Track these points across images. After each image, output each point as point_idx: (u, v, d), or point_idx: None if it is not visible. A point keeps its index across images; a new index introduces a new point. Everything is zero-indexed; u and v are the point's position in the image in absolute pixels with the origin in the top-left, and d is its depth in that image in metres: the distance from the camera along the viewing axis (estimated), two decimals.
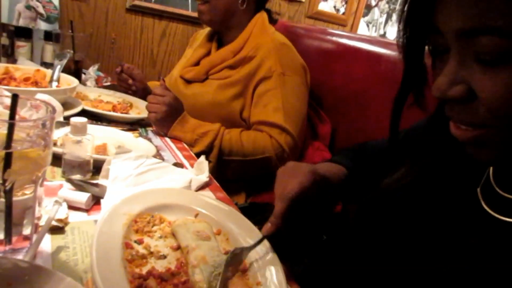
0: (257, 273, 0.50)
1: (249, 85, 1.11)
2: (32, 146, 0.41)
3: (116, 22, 1.93)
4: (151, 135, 1.02)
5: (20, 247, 0.46)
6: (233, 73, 1.13)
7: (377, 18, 2.91)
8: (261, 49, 1.11)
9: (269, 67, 1.08)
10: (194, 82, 1.20)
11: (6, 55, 1.34)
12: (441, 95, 0.38)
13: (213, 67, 1.16)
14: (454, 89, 0.37)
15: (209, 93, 1.13)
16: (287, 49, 1.14)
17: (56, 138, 0.75)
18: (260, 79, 1.09)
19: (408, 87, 0.47)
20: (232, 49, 1.15)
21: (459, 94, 0.37)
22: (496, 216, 0.42)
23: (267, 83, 1.09)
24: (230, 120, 1.12)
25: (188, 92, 1.18)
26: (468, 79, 0.37)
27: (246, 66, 1.12)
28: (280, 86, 1.07)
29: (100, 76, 1.53)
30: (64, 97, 0.95)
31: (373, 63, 1.12)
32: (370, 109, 1.11)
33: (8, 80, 0.95)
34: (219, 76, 1.15)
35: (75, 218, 0.57)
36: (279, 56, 1.09)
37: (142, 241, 0.52)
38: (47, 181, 0.65)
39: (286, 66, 1.09)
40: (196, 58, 1.24)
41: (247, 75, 1.11)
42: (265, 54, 1.10)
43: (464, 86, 0.37)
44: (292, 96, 1.09)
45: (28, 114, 0.49)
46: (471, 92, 0.37)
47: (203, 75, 1.18)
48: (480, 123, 0.38)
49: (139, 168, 0.70)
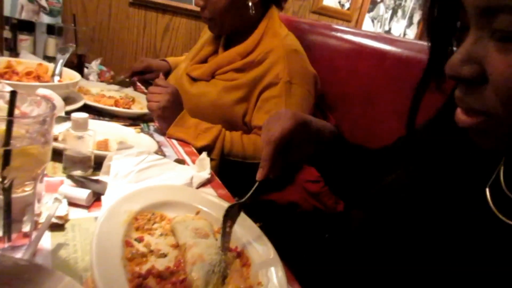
0: (258, 272, 0.50)
1: (254, 90, 1.09)
2: (31, 143, 0.41)
3: (119, 16, 1.92)
4: (153, 131, 1.02)
5: (20, 244, 0.46)
6: (240, 76, 1.11)
7: (382, 14, 2.88)
8: (271, 55, 1.08)
9: (277, 73, 1.06)
10: (199, 81, 1.18)
11: (8, 49, 1.33)
12: (453, 73, 0.38)
13: (219, 67, 1.14)
14: (466, 67, 0.37)
15: (213, 94, 1.11)
16: (297, 57, 1.11)
17: (57, 133, 0.75)
18: (266, 85, 1.07)
19: (432, 71, 0.47)
20: (240, 52, 1.12)
21: (470, 74, 0.37)
22: (501, 218, 0.41)
23: (272, 90, 1.07)
24: (232, 124, 1.10)
25: (192, 91, 1.16)
26: (482, 59, 0.36)
27: (253, 71, 1.09)
28: (285, 94, 1.05)
29: (103, 71, 1.52)
30: (66, 92, 0.94)
31: (377, 60, 1.11)
32: (373, 106, 1.10)
33: (10, 74, 0.95)
34: (225, 78, 1.13)
35: (76, 215, 0.56)
36: (288, 64, 1.07)
37: (143, 239, 0.51)
38: (48, 176, 0.65)
39: (294, 74, 1.07)
40: (204, 56, 1.22)
41: (253, 80, 1.09)
42: (274, 60, 1.07)
43: (477, 66, 0.36)
44: (296, 106, 1.07)
45: (29, 110, 0.48)
46: (483, 73, 0.36)
47: (209, 74, 1.15)
48: (486, 109, 0.37)
49: (140, 165, 0.70)
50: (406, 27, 3.04)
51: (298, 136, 0.60)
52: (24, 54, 1.25)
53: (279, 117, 0.60)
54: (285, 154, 0.60)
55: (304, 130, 0.61)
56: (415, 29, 3.08)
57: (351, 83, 1.19)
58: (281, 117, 0.60)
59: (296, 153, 0.63)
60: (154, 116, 1.01)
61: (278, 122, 0.59)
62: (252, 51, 1.11)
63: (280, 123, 0.58)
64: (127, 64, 1.38)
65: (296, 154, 0.63)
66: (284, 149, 0.59)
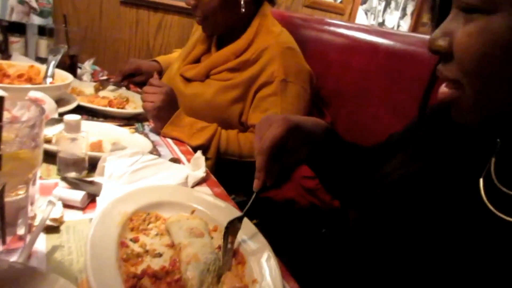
0: (253, 270, 0.50)
1: (250, 89, 1.09)
2: (21, 147, 0.41)
3: (111, 15, 1.91)
4: (147, 131, 1.02)
5: (14, 247, 0.46)
6: (235, 75, 1.10)
7: (375, 6, 2.88)
8: (265, 53, 1.08)
9: (272, 72, 1.06)
10: (194, 81, 1.17)
11: (0, 51, 1.32)
12: (431, 46, 0.42)
13: (214, 67, 1.13)
14: (440, 40, 0.42)
15: (208, 94, 1.11)
16: (292, 54, 1.11)
17: (50, 136, 0.75)
18: (261, 83, 1.07)
19: None
20: (234, 51, 1.11)
21: (443, 46, 0.41)
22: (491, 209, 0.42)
23: (268, 88, 1.06)
24: (228, 123, 1.10)
25: (187, 92, 1.15)
26: (453, 32, 0.40)
27: (248, 70, 1.09)
28: (281, 93, 1.05)
29: (96, 70, 1.52)
30: (58, 94, 0.94)
31: (370, 53, 1.11)
32: (368, 100, 1.10)
33: (1, 77, 0.94)
34: (220, 78, 1.12)
35: (71, 217, 0.56)
36: (283, 61, 1.06)
37: (138, 240, 0.52)
38: (42, 179, 0.65)
39: (289, 72, 1.06)
40: (196, 55, 1.21)
41: (249, 79, 1.08)
42: (269, 58, 1.07)
43: (448, 40, 0.41)
44: (292, 104, 1.07)
45: (20, 113, 0.48)
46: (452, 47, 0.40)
47: (204, 74, 1.14)
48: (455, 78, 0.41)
49: (134, 165, 0.70)
50: (399, 18, 3.03)
51: (290, 141, 0.59)
52: (15, 56, 1.25)
53: (270, 123, 0.59)
54: (279, 160, 0.58)
55: (296, 133, 0.59)
56: (408, 20, 3.08)
57: (344, 77, 1.19)
58: (272, 123, 0.58)
59: (290, 157, 0.62)
60: (150, 116, 1.01)
61: (269, 130, 0.57)
62: (246, 50, 1.11)
63: (271, 131, 0.57)
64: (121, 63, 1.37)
65: (290, 158, 0.62)
66: (277, 155, 0.57)
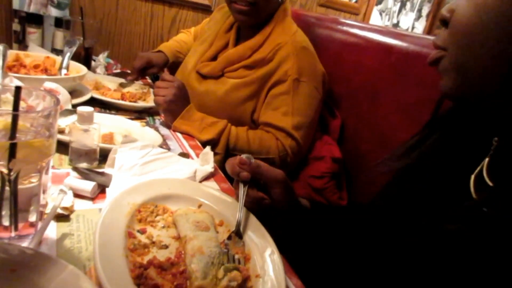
0: (256, 265, 0.51)
1: (263, 86, 1.09)
2: (36, 136, 0.42)
3: (126, 9, 1.93)
4: (158, 124, 1.03)
5: (26, 233, 0.48)
6: (250, 73, 1.11)
7: (390, 7, 2.84)
8: (280, 52, 1.08)
9: (286, 70, 1.06)
10: (209, 78, 1.17)
11: (18, 41, 1.35)
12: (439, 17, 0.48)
13: (229, 64, 1.14)
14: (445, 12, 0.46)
15: (221, 91, 1.11)
16: (306, 54, 1.11)
17: (64, 126, 0.77)
18: (275, 81, 1.08)
19: None
20: (251, 46, 1.11)
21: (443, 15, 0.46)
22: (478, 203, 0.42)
23: (281, 86, 1.07)
24: (239, 121, 1.10)
25: (201, 88, 1.16)
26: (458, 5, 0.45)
27: (263, 68, 1.09)
28: (293, 92, 1.06)
29: (110, 63, 1.54)
30: (72, 85, 0.96)
31: (383, 54, 1.10)
32: (379, 101, 1.10)
33: (18, 67, 0.96)
34: (235, 75, 1.13)
35: (81, 206, 0.58)
36: (297, 61, 1.07)
37: (145, 231, 0.53)
38: (54, 168, 0.67)
39: (302, 72, 1.07)
40: (214, 52, 1.21)
41: (263, 77, 1.09)
42: (283, 58, 1.07)
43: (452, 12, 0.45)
44: (303, 103, 1.07)
45: (35, 103, 0.50)
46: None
47: (219, 71, 1.15)
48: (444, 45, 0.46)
49: (144, 158, 0.71)
50: (414, 20, 2.99)
51: None
52: (32, 47, 1.27)
53: None
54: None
55: None
56: (423, 22, 3.03)
57: (356, 77, 1.18)
58: None
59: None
60: (161, 109, 1.02)
61: None
62: (262, 45, 1.11)
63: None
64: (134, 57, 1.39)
65: None
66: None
